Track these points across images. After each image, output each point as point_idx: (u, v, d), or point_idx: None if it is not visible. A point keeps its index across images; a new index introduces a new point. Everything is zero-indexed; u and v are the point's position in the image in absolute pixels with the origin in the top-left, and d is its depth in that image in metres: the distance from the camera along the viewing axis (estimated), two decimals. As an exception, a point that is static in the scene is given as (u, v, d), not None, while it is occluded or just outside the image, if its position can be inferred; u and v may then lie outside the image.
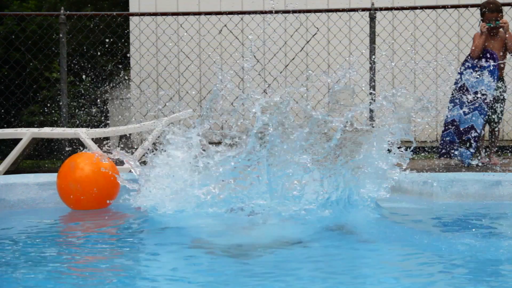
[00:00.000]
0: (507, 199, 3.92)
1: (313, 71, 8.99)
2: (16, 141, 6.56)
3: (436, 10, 8.74)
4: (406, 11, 8.63)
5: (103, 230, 3.26)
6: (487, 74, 6.37)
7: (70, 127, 8.03)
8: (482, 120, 6.34)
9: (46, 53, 9.50)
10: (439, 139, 6.81)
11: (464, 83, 6.56)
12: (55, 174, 3.77)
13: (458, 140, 6.55)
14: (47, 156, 8.70)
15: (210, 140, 3.36)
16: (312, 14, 8.68)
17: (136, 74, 9.24)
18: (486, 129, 7.19)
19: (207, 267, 2.44)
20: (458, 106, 6.58)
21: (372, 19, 7.93)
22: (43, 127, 6.96)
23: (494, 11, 6.48)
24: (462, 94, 6.56)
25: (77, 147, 7.15)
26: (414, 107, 3.27)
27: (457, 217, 3.56)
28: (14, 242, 2.93)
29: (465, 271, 2.41)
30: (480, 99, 6.38)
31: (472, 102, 6.45)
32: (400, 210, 3.76)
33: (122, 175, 3.66)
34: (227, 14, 8.47)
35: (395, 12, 8.60)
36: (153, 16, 8.83)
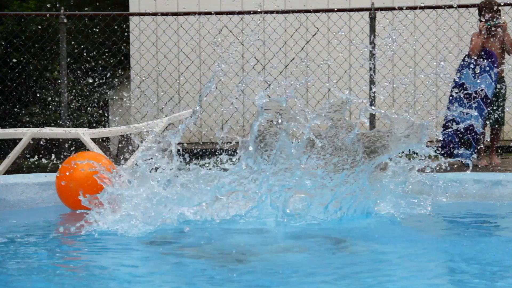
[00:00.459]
0: (507, 199, 3.91)
1: (313, 71, 8.99)
2: (16, 141, 6.56)
3: (436, 10, 8.74)
4: (406, 11, 8.62)
5: (103, 230, 3.26)
6: (485, 73, 6.36)
7: (70, 127, 8.03)
8: (481, 120, 6.34)
9: (46, 53, 9.50)
10: (441, 139, 6.80)
11: (463, 82, 6.55)
12: (55, 174, 3.77)
13: (457, 140, 6.54)
14: (47, 156, 8.69)
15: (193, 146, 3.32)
16: (312, 14, 8.67)
17: (136, 74, 9.24)
18: (487, 129, 7.19)
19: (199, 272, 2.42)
20: (457, 105, 6.58)
21: (372, 19, 7.93)
22: (43, 127, 6.96)
23: (492, 10, 6.48)
24: (461, 92, 6.55)
25: (77, 147, 7.16)
26: (407, 131, 3.12)
27: (457, 217, 3.56)
28: (14, 242, 2.93)
29: (469, 271, 2.40)
30: (479, 98, 6.38)
31: (471, 102, 6.44)
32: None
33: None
34: (227, 14, 8.47)
35: (395, 12, 8.60)
36: (153, 16, 8.83)
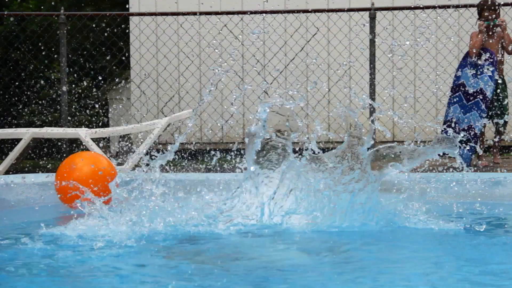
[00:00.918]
0: (507, 199, 3.91)
1: (313, 71, 8.99)
2: (16, 141, 6.57)
3: (436, 10, 8.74)
4: (406, 11, 8.62)
5: (103, 231, 3.25)
6: (485, 73, 6.35)
7: (70, 127, 8.03)
8: (481, 120, 6.33)
9: (46, 53, 9.50)
10: None
11: (463, 82, 6.55)
12: (55, 174, 3.77)
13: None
14: (47, 156, 8.70)
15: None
16: (312, 14, 8.67)
17: (136, 74, 9.24)
18: (489, 129, 7.19)
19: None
20: (456, 105, 6.57)
21: (372, 19, 7.93)
22: (43, 127, 6.96)
23: (492, 9, 6.47)
24: (460, 92, 6.55)
25: (77, 147, 7.16)
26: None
27: (456, 217, 3.56)
28: (14, 242, 2.93)
29: (469, 271, 2.40)
30: (478, 98, 6.37)
31: (471, 102, 6.43)
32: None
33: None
34: (227, 14, 8.47)
35: (395, 12, 8.60)
36: (153, 16, 8.83)
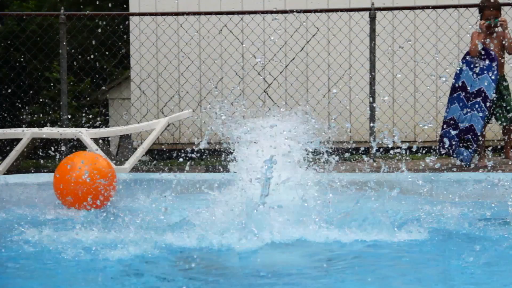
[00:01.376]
0: (507, 199, 3.91)
1: (313, 71, 8.99)
2: (16, 141, 6.57)
3: (436, 10, 8.74)
4: (406, 11, 8.62)
5: (102, 231, 3.26)
6: (485, 73, 6.35)
7: (70, 127, 8.03)
8: (481, 120, 6.32)
9: (46, 53, 9.50)
10: (439, 137, 6.79)
11: (463, 81, 6.54)
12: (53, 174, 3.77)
13: (457, 139, 6.53)
14: (47, 156, 8.70)
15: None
16: (312, 14, 8.67)
17: (136, 74, 9.24)
18: (493, 129, 7.18)
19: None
20: (457, 105, 6.56)
21: (372, 19, 7.93)
22: (43, 127, 6.96)
23: (493, 8, 6.46)
24: (461, 92, 6.54)
25: (77, 147, 7.15)
26: None
27: (456, 217, 3.56)
28: (14, 242, 2.93)
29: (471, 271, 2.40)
30: (479, 99, 6.36)
31: (471, 101, 6.43)
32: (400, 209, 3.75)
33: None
34: (227, 14, 8.46)
35: (395, 12, 8.60)
36: (153, 16, 8.83)
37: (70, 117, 8.16)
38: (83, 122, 12.92)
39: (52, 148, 7.71)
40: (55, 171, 3.72)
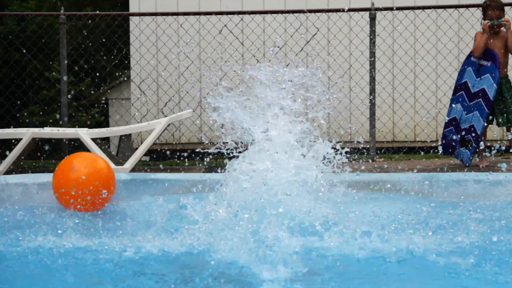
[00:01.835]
0: (507, 199, 3.91)
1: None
2: (16, 141, 6.57)
3: (436, 10, 8.74)
4: (406, 11, 8.62)
5: (103, 231, 3.26)
6: (487, 73, 6.34)
7: (70, 127, 8.03)
8: (482, 121, 6.32)
9: (46, 53, 9.50)
10: (441, 137, 6.79)
11: (466, 81, 6.54)
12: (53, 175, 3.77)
13: (458, 139, 6.53)
14: (47, 156, 8.70)
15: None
16: (312, 14, 8.67)
17: (136, 74, 9.24)
18: (493, 129, 7.15)
19: None
20: (459, 104, 6.57)
21: (372, 19, 7.93)
22: (43, 127, 6.96)
23: (497, 9, 6.45)
24: (463, 92, 6.54)
25: (77, 147, 7.16)
26: None
27: (457, 217, 3.56)
28: (14, 241, 2.93)
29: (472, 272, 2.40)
30: (481, 99, 6.36)
31: (473, 102, 6.42)
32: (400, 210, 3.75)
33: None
34: (227, 14, 8.47)
35: (395, 12, 8.60)
36: (153, 16, 8.83)
37: (70, 116, 8.16)
38: (83, 122, 12.90)
39: (52, 149, 7.71)
40: (54, 172, 3.72)
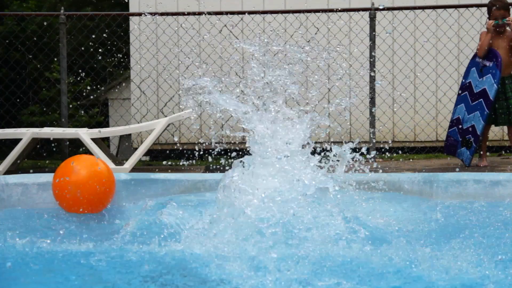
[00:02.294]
0: (507, 199, 3.91)
1: (313, 71, 8.99)
2: (16, 141, 6.57)
3: (436, 10, 8.74)
4: (406, 11, 8.63)
5: (103, 231, 3.26)
6: (489, 73, 6.34)
7: (70, 127, 8.03)
8: (482, 121, 6.32)
9: (46, 53, 9.50)
10: (445, 137, 6.80)
11: (470, 81, 6.54)
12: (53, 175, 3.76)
13: (460, 139, 6.54)
14: (47, 156, 8.72)
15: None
16: (312, 14, 8.68)
17: (136, 74, 9.24)
18: (493, 129, 7.15)
19: None
20: (462, 104, 6.57)
21: (372, 19, 7.93)
22: (43, 127, 6.96)
23: (502, 8, 6.44)
24: (467, 92, 6.54)
25: (77, 147, 7.15)
26: None
27: (457, 217, 3.55)
28: (13, 242, 2.93)
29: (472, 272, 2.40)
30: (482, 99, 6.36)
31: (475, 102, 6.43)
32: (401, 210, 3.75)
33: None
34: (227, 14, 8.47)
35: (395, 12, 8.60)
36: (153, 16, 8.83)
37: (70, 116, 8.16)
38: (83, 122, 12.91)
39: (52, 149, 7.72)
40: (54, 174, 3.71)
